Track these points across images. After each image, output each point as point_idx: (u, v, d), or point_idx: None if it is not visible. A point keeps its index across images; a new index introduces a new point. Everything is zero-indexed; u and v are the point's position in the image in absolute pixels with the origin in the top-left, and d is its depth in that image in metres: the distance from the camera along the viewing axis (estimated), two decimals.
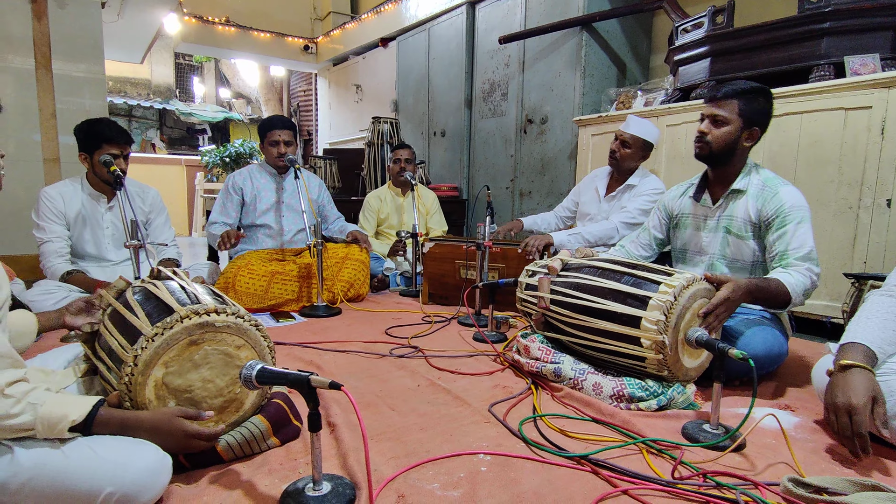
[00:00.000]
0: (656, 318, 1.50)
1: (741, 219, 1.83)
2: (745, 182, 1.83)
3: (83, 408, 1.00)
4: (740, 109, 1.79)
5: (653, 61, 4.03)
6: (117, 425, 1.06)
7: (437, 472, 1.20)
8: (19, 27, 3.23)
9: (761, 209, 1.78)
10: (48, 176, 3.33)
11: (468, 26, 4.58)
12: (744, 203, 1.83)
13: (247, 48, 6.96)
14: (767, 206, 1.76)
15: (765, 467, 1.25)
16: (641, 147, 2.66)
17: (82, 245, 2.57)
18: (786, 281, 1.61)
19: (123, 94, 10.10)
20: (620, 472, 1.19)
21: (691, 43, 2.96)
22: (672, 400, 1.53)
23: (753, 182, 1.83)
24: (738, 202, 1.84)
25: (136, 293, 1.34)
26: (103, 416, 1.03)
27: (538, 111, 4.04)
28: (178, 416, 1.11)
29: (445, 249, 2.89)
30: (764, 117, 1.81)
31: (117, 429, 1.06)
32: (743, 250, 1.85)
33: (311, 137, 8.75)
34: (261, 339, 1.26)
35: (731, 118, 1.80)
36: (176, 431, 1.09)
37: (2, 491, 0.94)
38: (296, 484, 1.10)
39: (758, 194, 1.80)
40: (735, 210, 1.85)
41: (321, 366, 1.92)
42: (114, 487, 0.96)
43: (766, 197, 1.77)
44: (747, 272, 1.86)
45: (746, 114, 1.79)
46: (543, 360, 1.77)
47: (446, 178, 4.96)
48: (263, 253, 2.94)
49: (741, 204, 1.83)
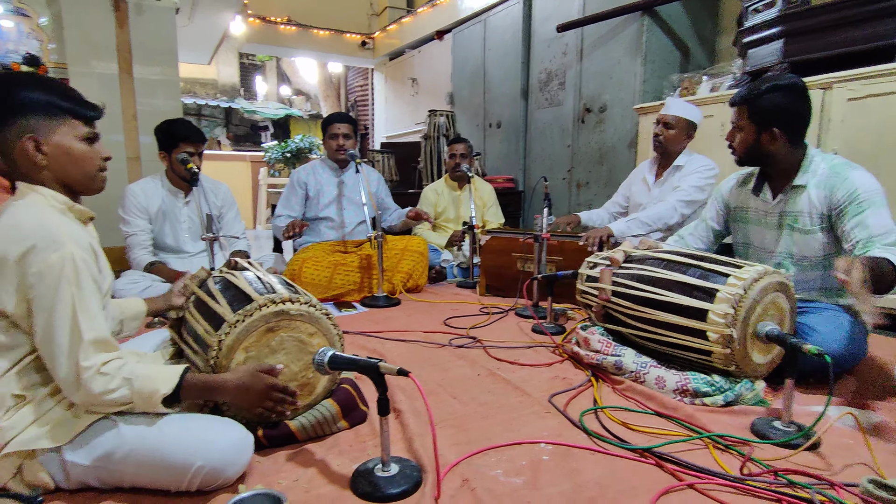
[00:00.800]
0: (724, 312, 1.46)
1: (806, 213, 1.72)
2: (807, 177, 1.72)
3: (171, 380, 1.08)
4: (749, 114, 1.73)
5: (719, 44, 3.85)
6: (203, 388, 1.15)
7: (499, 459, 1.24)
8: (104, 35, 3.49)
9: (830, 196, 1.66)
10: (131, 174, 3.59)
11: (525, 15, 4.53)
12: (806, 196, 1.71)
13: (306, 46, 7.18)
14: (837, 192, 1.64)
15: (842, 468, 1.20)
16: (685, 127, 2.67)
17: (162, 238, 2.77)
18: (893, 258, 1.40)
19: (193, 94, 10.65)
20: (685, 466, 1.18)
21: (762, 24, 2.81)
22: (740, 396, 1.49)
23: (817, 173, 1.71)
24: (800, 197, 1.73)
25: (216, 283, 1.44)
26: (189, 381, 1.11)
27: (596, 100, 3.96)
28: (258, 372, 1.18)
29: (502, 242, 2.90)
30: (784, 114, 1.68)
31: (203, 391, 1.15)
32: (811, 245, 1.74)
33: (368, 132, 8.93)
34: (331, 327, 1.33)
35: (744, 125, 1.75)
36: (257, 384, 1.17)
37: (108, 459, 1.05)
38: (366, 464, 1.16)
39: (823, 182, 1.68)
40: (798, 205, 1.74)
41: (383, 354, 1.99)
42: (203, 461, 1.05)
43: (835, 183, 1.65)
44: (819, 268, 1.75)
45: (757, 117, 1.71)
46: (604, 352, 1.76)
47: (502, 170, 4.94)
48: (326, 245, 3.06)
49: (804, 198, 1.72)
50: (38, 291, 1.00)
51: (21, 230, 1.02)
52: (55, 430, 1.04)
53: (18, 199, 1.09)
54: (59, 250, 1.01)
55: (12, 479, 1.04)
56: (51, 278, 1.00)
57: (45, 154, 1.09)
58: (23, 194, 1.10)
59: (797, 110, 1.70)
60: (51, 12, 3.63)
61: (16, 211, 1.05)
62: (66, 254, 1.01)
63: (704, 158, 2.68)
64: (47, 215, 1.05)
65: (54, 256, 1.00)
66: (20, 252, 1.00)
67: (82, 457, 1.04)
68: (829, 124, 2.53)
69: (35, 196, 1.09)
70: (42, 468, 1.04)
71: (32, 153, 1.08)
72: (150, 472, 1.06)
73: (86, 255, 1.05)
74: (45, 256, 1.00)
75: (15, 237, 1.01)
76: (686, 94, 3.37)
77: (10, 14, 5.46)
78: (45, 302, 1.00)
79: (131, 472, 1.06)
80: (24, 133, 1.07)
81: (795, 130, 1.72)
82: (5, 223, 1.04)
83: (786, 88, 1.68)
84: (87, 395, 1.02)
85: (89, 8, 3.42)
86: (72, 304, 1.01)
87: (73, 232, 1.06)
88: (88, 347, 1.02)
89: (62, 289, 1.00)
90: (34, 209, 1.06)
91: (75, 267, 1.02)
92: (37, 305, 1.01)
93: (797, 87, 1.69)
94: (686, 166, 2.67)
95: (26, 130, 1.07)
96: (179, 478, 1.05)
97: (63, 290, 1.00)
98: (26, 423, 1.04)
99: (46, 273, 1.00)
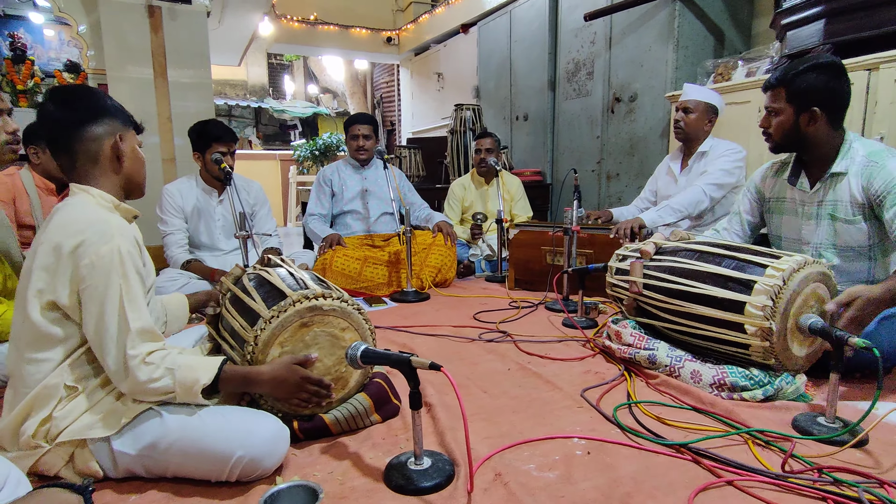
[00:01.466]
0: (762, 304, 1.41)
1: (846, 201, 1.65)
2: (846, 164, 1.65)
3: (211, 371, 1.13)
4: (788, 95, 1.67)
5: (755, 27, 3.71)
6: (240, 379, 1.19)
7: (532, 453, 1.23)
8: (139, 40, 3.59)
9: (867, 185, 1.60)
10: (166, 175, 3.69)
11: (550, 5, 4.46)
12: (846, 184, 1.65)
13: (333, 44, 7.24)
14: (875, 181, 1.58)
15: (891, 466, 1.15)
16: (705, 111, 2.64)
17: (198, 236, 2.84)
18: None
19: (224, 95, 10.88)
20: (724, 463, 1.15)
21: (802, 4, 2.69)
22: (780, 390, 1.45)
23: (856, 160, 1.64)
24: (841, 184, 1.66)
25: (251, 279, 1.47)
26: (228, 373, 1.16)
27: (627, 89, 3.87)
28: (292, 364, 1.22)
29: (531, 236, 2.88)
30: (823, 94, 1.62)
31: (240, 382, 1.19)
32: (854, 235, 1.66)
33: (395, 127, 8.97)
34: (363, 321, 1.34)
35: (781, 107, 1.69)
36: (292, 376, 1.21)
37: (154, 448, 1.09)
38: (399, 458, 1.18)
39: (861, 171, 1.62)
40: (838, 193, 1.67)
41: (414, 348, 2.00)
42: (243, 451, 1.08)
43: (873, 172, 1.59)
44: (865, 258, 1.68)
45: (796, 98, 1.65)
46: (636, 346, 1.73)
47: (529, 163, 4.90)
48: (355, 239, 3.11)
49: (844, 186, 1.65)
50: (90, 282, 1.06)
51: (74, 225, 1.09)
52: (105, 420, 1.09)
53: (71, 198, 1.17)
54: (109, 243, 1.07)
55: (65, 467, 1.10)
56: (102, 269, 1.06)
57: (123, 154, 1.21)
58: (74, 194, 1.17)
59: (838, 89, 1.63)
60: (89, 20, 3.76)
61: (70, 209, 1.13)
62: (115, 246, 1.07)
63: (730, 142, 2.63)
64: (98, 212, 1.13)
65: (105, 249, 1.07)
66: (74, 245, 1.06)
67: (129, 446, 1.09)
68: (875, 107, 2.42)
69: (85, 196, 1.17)
70: (92, 457, 1.09)
71: (118, 151, 1.20)
72: (193, 461, 1.09)
73: (132, 249, 1.12)
74: (96, 249, 1.06)
75: (69, 231, 1.08)
76: (721, 80, 3.27)
77: (52, 23, 5.68)
78: (96, 292, 1.06)
79: (175, 462, 1.09)
80: (113, 132, 1.19)
81: (836, 111, 1.66)
82: (60, 219, 1.11)
83: (825, 67, 1.62)
84: (133, 382, 1.07)
85: (126, 15, 3.52)
86: (119, 294, 1.07)
87: (122, 227, 1.13)
88: (135, 337, 1.07)
89: (112, 280, 1.07)
90: (87, 207, 1.13)
91: (122, 259, 1.08)
92: (88, 296, 1.07)
93: (837, 65, 1.63)
94: (711, 151, 2.62)
95: (115, 130, 1.20)
96: (220, 467, 1.08)
97: (113, 280, 1.07)
98: (78, 412, 1.09)
99: (98, 264, 1.06)
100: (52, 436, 1.08)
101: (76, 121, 1.15)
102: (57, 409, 1.08)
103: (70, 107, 1.16)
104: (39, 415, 1.08)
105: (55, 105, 1.16)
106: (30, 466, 1.08)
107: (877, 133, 2.39)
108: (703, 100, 2.63)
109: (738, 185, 2.57)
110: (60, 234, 1.08)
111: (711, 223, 2.55)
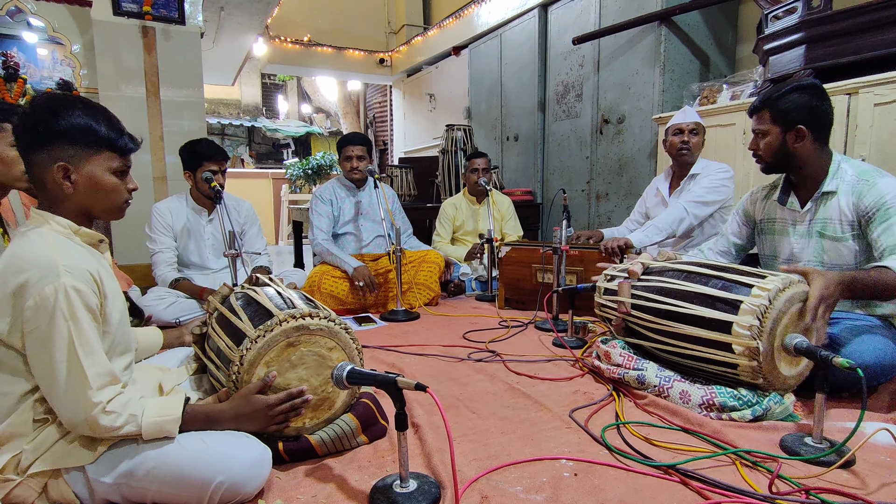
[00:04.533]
0: (749, 323, 1.42)
1: (836, 220, 1.69)
2: (836, 183, 1.69)
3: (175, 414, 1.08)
4: (772, 116, 1.72)
5: (739, 52, 3.80)
6: (203, 419, 1.15)
7: (519, 475, 1.22)
8: (133, 60, 3.61)
9: (858, 203, 1.64)
10: (157, 193, 3.68)
11: (540, 29, 4.55)
12: (836, 203, 1.68)
13: (327, 65, 7.32)
14: (865, 199, 1.62)
15: (878, 486, 1.15)
16: (704, 132, 2.74)
17: (187, 255, 2.83)
18: (892, 265, 1.46)
19: (217, 114, 10.93)
20: (712, 484, 1.15)
21: (783, 30, 2.77)
22: (768, 410, 1.45)
23: (846, 178, 1.68)
24: (831, 203, 1.70)
25: (238, 298, 1.47)
26: (189, 414, 1.12)
27: (615, 111, 3.94)
28: (252, 394, 1.19)
29: (522, 254, 2.89)
30: (806, 112, 1.67)
31: (203, 422, 1.14)
32: (842, 253, 1.70)
33: (387, 147, 9.03)
34: (350, 341, 1.34)
35: (768, 128, 1.74)
36: (255, 408, 1.18)
37: (131, 476, 1.05)
38: (384, 480, 1.16)
39: (852, 189, 1.66)
40: (829, 212, 1.70)
41: (402, 368, 1.98)
42: (224, 477, 1.06)
43: (863, 189, 1.63)
44: None
45: (781, 118, 1.70)
46: (625, 366, 1.73)
47: (520, 183, 4.94)
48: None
49: (834, 204, 1.69)
50: (35, 325, 0.98)
51: (19, 262, 1.01)
52: (80, 448, 1.05)
53: (28, 226, 1.09)
54: (54, 282, 0.98)
55: (38, 499, 1.05)
56: (45, 312, 0.98)
57: (73, 183, 1.09)
58: (33, 220, 1.10)
59: (820, 107, 1.69)
60: (83, 40, 3.78)
61: (20, 241, 1.05)
62: (59, 286, 0.98)
63: (719, 163, 2.69)
64: (49, 245, 1.03)
65: (48, 289, 0.98)
66: (17, 284, 0.99)
67: (106, 474, 1.05)
68: (856, 130, 2.48)
69: (41, 222, 1.09)
70: (68, 487, 1.05)
71: (60, 181, 1.08)
72: (172, 488, 1.06)
73: (82, 286, 1.02)
74: (39, 289, 0.98)
75: (13, 268, 1.00)
76: (706, 103, 3.33)
77: (46, 42, 5.70)
78: (42, 336, 0.99)
79: (153, 489, 1.06)
80: (56, 160, 1.07)
81: (821, 129, 1.70)
82: (8, 253, 1.04)
83: (806, 88, 1.69)
84: (93, 431, 1.02)
85: (120, 35, 3.55)
86: (69, 338, 0.99)
87: (73, 261, 1.03)
88: (92, 384, 1.01)
89: (57, 323, 0.98)
90: (39, 238, 1.05)
91: (68, 300, 0.99)
92: (34, 339, 0.99)
93: (817, 87, 1.70)
94: (702, 173, 2.66)
95: (59, 158, 1.07)
96: (200, 494, 1.05)
97: (58, 324, 0.98)
98: (50, 442, 1.05)
99: (42, 305, 0.98)
100: (23, 468, 1.03)
101: (25, 142, 1.07)
102: (26, 443, 1.04)
103: (24, 126, 1.07)
104: (7, 453, 1.03)
105: (20, 119, 1.08)
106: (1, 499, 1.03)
107: (858, 155, 2.44)
108: (701, 121, 2.71)
109: (725, 203, 2.61)
110: (6, 271, 1.00)
111: (701, 242, 2.58)
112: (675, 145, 2.70)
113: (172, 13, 3.68)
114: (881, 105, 2.39)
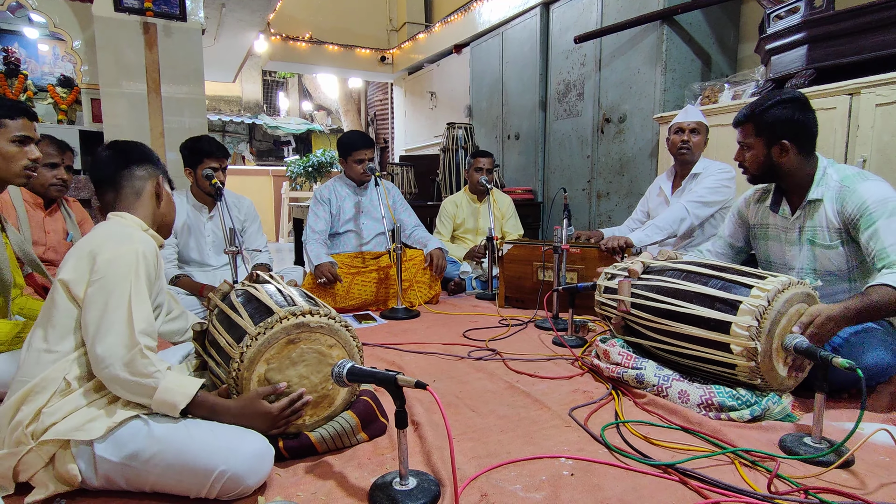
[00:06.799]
0: (748, 324, 1.42)
1: (824, 227, 1.68)
2: (821, 190, 1.69)
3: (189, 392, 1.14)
4: (756, 130, 1.73)
5: (741, 52, 3.80)
6: (209, 408, 1.18)
7: (518, 473, 1.22)
8: (134, 57, 3.61)
9: (841, 210, 1.64)
10: None
11: (542, 28, 4.55)
12: (822, 211, 1.68)
13: (328, 62, 7.30)
14: (848, 206, 1.62)
15: (877, 486, 1.15)
16: (706, 131, 2.72)
17: (187, 252, 2.82)
18: (892, 282, 1.44)
19: (218, 111, 10.92)
20: (710, 483, 1.15)
21: (785, 30, 2.76)
22: (767, 410, 1.45)
23: (831, 185, 1.68)
24: (818, 211, 1.70)
25: (238, 295, 1.47)
26: (200, 399, 1.16)
27: (616, 110, 3.94)
28: (258, 398, 1.22)
29: (523, 251, 2.89)
30: (789, 126, 1.67)
31: (208, 411, 1.18)
32: (833, 260, 1.70)
33: (388, 145, 9.02)
34: (350, 339, 1.34)
35: (752, 142, 1.75)
36: (259, 412, 1.21)
37: (136, 458, 1.08)
38: (384, 478, 1.16)
39: (835, 196, 1.66)
40: (817, 220, 1.70)
41: (402, 366, 1.99)
42: (226, 466, 1.07)
43: (845, 196, 1.63)
44: (845, 281, 1.70)
45: (765, 132, 1.71)
46: (624, 365, 1.73)
47: (521, 182, 4.93)
48: (345, 257, 3.09)
49: (821, 213, 1.69)
50: (103, 274, 1.15)
51: (103, 232, 1.24)
52: (92, 424, 1.08)
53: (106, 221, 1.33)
54: (130, 245, 1.20)
55: (44, 469, 1.08)
56: (117, 265, 1.16)
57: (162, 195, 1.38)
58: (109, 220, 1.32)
59: (803, 120, 1.68)
60: (84, 36, 3.78)
61: (103, 225, 1.31)
62: (133, 248, 1.19)
63: (720, 163, 2.68)
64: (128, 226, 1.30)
65: (124, 249, 1.19)
66: (98, 244, 1.19)
67: (112, 453, 1.07)
68: (857, 131, 2.47)
69: (118, 219, 1.32)
70: (73, 460, 1.08)
71: (160, 191, 1.37)
72: (175, 473, 1.07)
73: (149, 256, 1.23)
74: (116, 247, 1.19)
75: (97, 235, 1.23)
76: (707, 103, 3.32)
77: (47, 38, 5.70)
78: (107, 283, 1.14)
79: (156, 473, 1.08)
80: (156, 175, 1.37)
81: (804, 141, 1.70)
82: (93, 231, 1.27)
83: (789, 101, 1.68)
84: (128, 369, 1.09)
85: (121, 31, 3.54)
86: (129, 290, 1.15)
87: (146, 240, 1.26)
88: (137, 327, 1.13)
89: (125, 275, 1.16)
90: (118, 225, 1.29)
91: (137, 260, 1.18)
92: (99, 286, 1.14)
93: (800, 99, 1.70)
94: (704, 172, 2.66)
95: (157, 174, 1.38)
96: (202, 481, 1.06)
97: (126, 276, 1.16)
98: (67, 411, 1.09)
99: (114, 261, 1.16)
100: (38, 433, 1.07)
101: (126, 161, 1.35)
102: (48, 405, 1.09)
103: (122, 151, 1.36)
104: (34, 404, 1.09)
105: (110, 150, 1.36)
106: (12, 467, 1.07)
107: (859, 156, 2.44)
108: (703, 121, 2.71)
109: (726, 204, 2.61)
110: (89, 239, 1.22)
111: (702, 242, 2.58)
112: (675, 144, 2.71)
113: (174, 9, 3.67)
114: (883, 106, 2.39)
